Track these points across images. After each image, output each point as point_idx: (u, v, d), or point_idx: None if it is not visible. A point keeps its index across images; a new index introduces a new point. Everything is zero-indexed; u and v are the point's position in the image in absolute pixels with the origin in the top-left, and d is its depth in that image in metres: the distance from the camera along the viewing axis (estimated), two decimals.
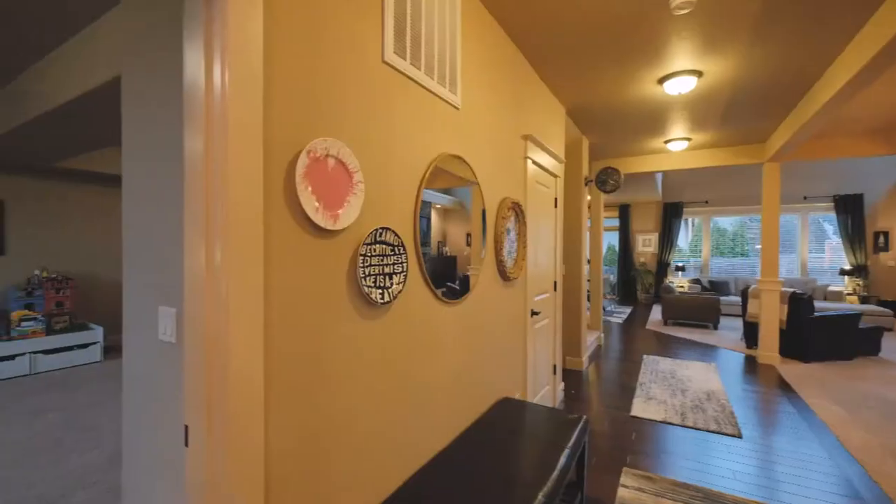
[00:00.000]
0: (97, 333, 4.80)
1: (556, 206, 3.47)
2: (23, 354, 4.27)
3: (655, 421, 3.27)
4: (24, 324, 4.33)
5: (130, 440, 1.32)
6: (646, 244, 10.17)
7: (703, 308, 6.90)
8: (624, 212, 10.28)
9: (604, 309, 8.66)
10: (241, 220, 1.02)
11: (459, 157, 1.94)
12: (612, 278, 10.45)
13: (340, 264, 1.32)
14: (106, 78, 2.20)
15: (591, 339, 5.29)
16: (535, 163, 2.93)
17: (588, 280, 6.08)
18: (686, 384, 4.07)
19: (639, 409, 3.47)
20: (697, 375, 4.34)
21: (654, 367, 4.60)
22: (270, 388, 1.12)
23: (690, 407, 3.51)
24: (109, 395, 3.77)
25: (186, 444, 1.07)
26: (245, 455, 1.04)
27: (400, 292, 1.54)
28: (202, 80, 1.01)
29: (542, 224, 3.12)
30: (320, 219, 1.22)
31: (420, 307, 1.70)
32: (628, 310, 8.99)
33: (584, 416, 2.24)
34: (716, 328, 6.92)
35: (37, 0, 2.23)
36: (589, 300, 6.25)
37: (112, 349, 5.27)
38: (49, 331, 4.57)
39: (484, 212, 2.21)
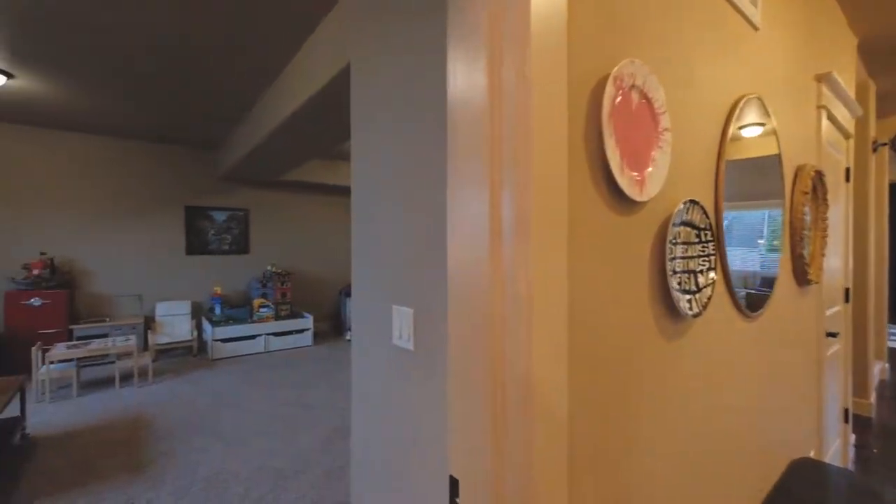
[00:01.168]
0: (309, 321, 5.53)
1: (847, 180, 2.41)
2: (260, 335, 5.16)
3: None
4: (261, 310, 5.24)
5: (359, 455, 1.14)
6: None
7: None
8: None
9: None
10: (545, 185, 0.66)
11: (760, 101, 1.30)
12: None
13: (641, 254, 0.88)
14: (332, 74, 2.27)
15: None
16: (829, 115, 2.02)
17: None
18: None
19: None
20: None
21: None
22: (573, 439, 0.75)
23: None
24: (321, 377, 4.20)
25: (452, 501, 0.77)
26: None
27: (709, 300, 1.02)
28: None
29: (830, 205, 2.15)
30: (626, 183, 0.80)
31: (721, 322, 1.15)
32: None
33: None
34: None
35: (263, 27, 2.47)
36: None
37: (318, 335, 6.04)
38: (277, 317, 5.44)
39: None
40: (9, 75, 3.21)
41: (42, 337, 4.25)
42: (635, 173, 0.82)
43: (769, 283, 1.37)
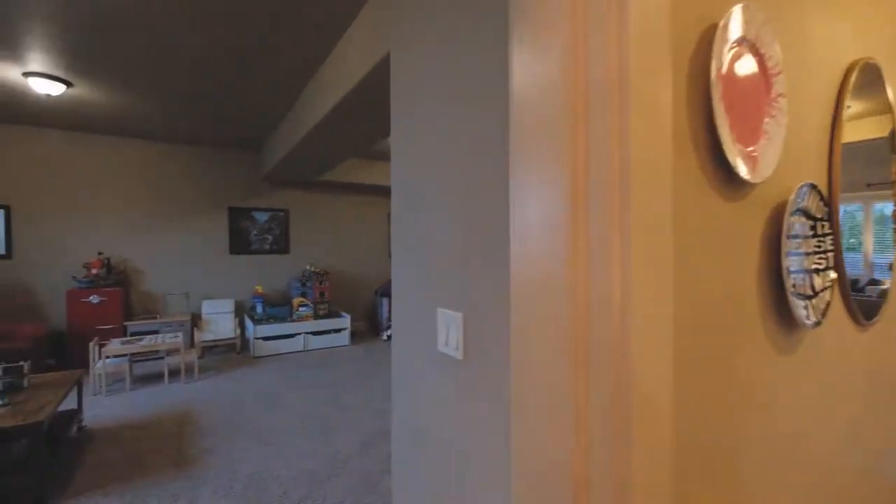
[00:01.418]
0: (346, 320, 5.54)
1: None
2: (299, 334, 5.22)
3: None
4: (300, 309, 5.30)
5: (400, 477, 1.02)
6: None
7: None
8: None
9: None
10: (645, 167, 0.52)
11: (877, 67, 1.08)
12: None
13: (749, 249, 0.71)
14: (370, 66, 2.20)
15: None
16: None
17: None
18: None
19: None
20: None
21: None
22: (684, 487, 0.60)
23: None
24: (358, 377, 4.17)
25: None
26: None
27: (827, 306, 0.83)
28: None
29: None
30: (736, 158, 0.64)
31: (833, 332, 0.95)
32: None
33: None
34: None
35: (300, 23, 2.44)
36: None
37: (355, 334, 6.06)
38: (315, 316, 5.49)
39: None
40: (68, 84, 3.38)
41: (99, 332, 4.47)
42: (749, 148, 0.65)
43: (876, 284, 1.14)
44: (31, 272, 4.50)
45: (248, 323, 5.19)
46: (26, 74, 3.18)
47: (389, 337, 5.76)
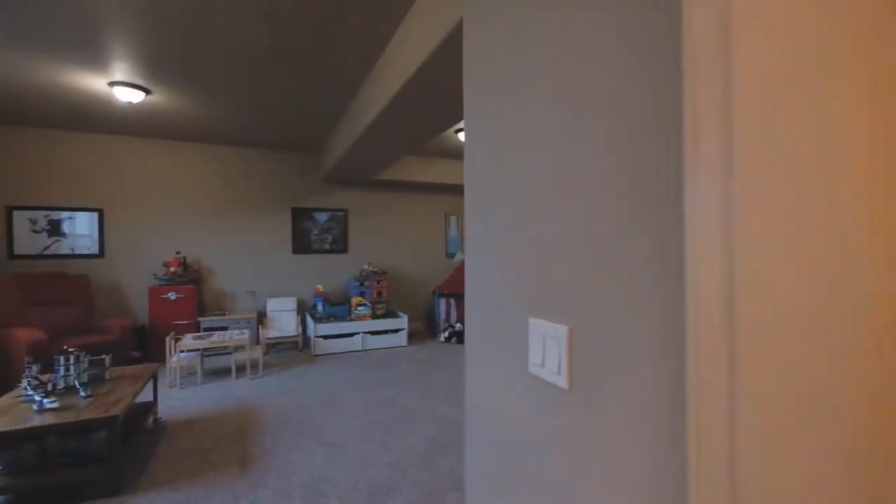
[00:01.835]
0: (403, 321, 5.47)
1: None
2: (358, 334, 5.21)
3: None
4: (359, 308, 5.30)
5: None
6: None
7: None
8: None
9: None
10: None
11: None
12: None
13: None
14: (439, 40, 2.03)
15: None
16: None
17: None
18: None
19: None
20: None
21: None
22: None
23: None
24: (416, 380, 4.04)
25: None
26: None
27: None
28: None
29: None
30: None
31: None
32: None
33: None
34: None
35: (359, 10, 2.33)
36: None
37: (412, 335, 5.97)
38: (373, 315, 5.47)
39: None
40: (147, 91, 3.57)
41: (176, 328, 4.74)
42: None
43: None
44: (119, 270, 4.88)
45: (310, 321, 5.28)
46: (111, 84, 3.39)
47: (447, 338, 5.61)
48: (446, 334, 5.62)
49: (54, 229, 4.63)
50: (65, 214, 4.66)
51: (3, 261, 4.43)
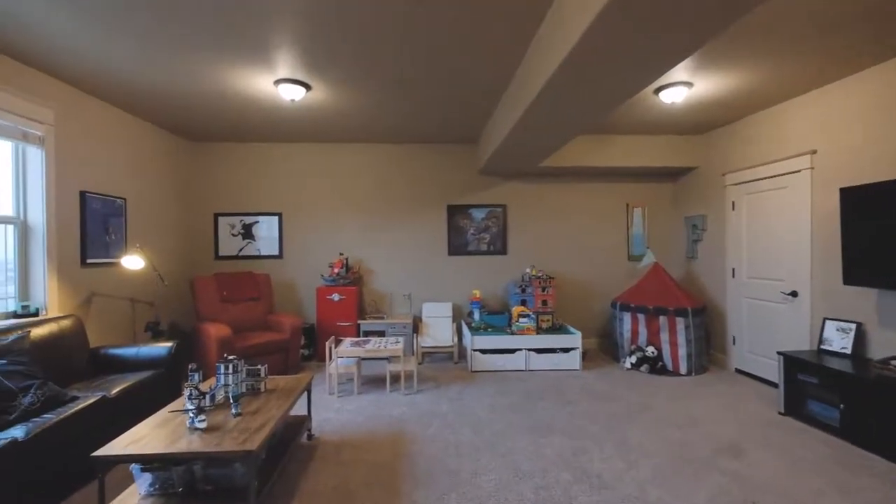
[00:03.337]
0: (576, 338, 4.42)
1: None
2: (520, 350, 4.39)
3: None
4: (521, 320, 4.48)
5: None
6: None
7: None
8: None
9: None
10: None
11: None
12: None
13: None
14: None
15: None
16: None
17: None
18: None
19: None
20: None
21: None
22: None
23: None
24: (603, 424, 2.97)
25: None
26: None
27: None
28: None
29: None
30: None
31: None
32: None
33: None
34: None
35: None
36: None
37: (584, 355, 4.86)
38: (537, 329, 4.58)
39: None
40: (307, 86, 3.42)
41: (339, 329, 4.71)
42: None
43: None
44: (294, 270, 5.12)
45: (465, 330, 4.70)
46: (277, 82, 3.32)
47: (635, 365, 4.34)
48: (633, 360, 4.35)
49: (247, 232, 5.09)
50: (254, 219, 5.09)
51: (210, 261, 5.05)
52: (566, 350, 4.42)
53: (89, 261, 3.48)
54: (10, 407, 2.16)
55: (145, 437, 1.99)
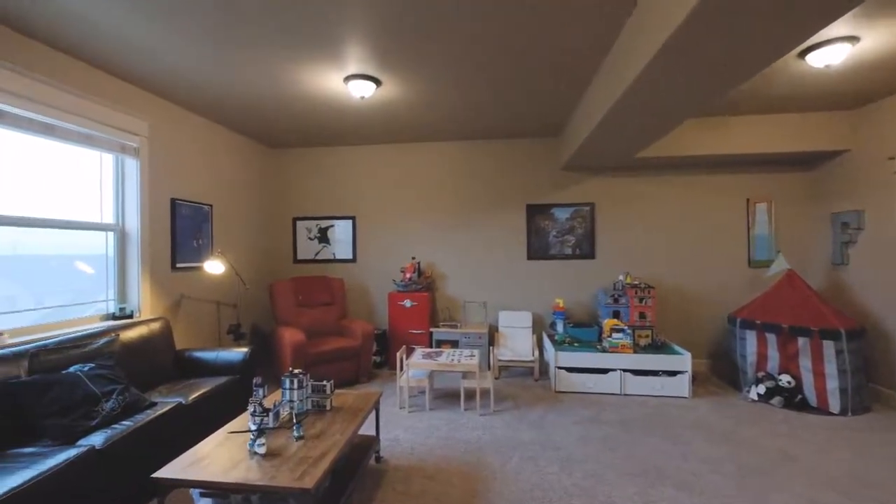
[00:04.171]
0: (685, 360, 3.71)
1: None
2: (614, 370, 3.80)
3: None
4: (615, 335, 3.88)
5: None
6: None
7: None
8: None
9: None
10: None
11: None
12: None
13: None
14: None
15: None
16: None
17: None
18: None
19: None
20: None
21: None
22: None
23: None
24: (728, 471, 2.33)
25: None
26: None
27: None
28: None
29: None
30: None
31: None
32: None
33: None
34: None
35: None
36: None
37: (694, 380, 4.09)
38: (634, 347, 3.94)
39: None
40: (377, 82, 3.22)
41: (411, 337, 4.49)
42: None
43: None
44: (367, 275, 5.03)
45: (547, 343, 4.21)
46: (346, 79, 3.16)
47: (763, 396, 3.52)
48: (761, 389, 3.53)
49: (322, 236, 5.10)
50: (330, 223, 5.09)
51: (289, 264, 5.14)
52: (672, 374, 3.73)
53: (179, 265, 3.63)
54: (93, 412, 2.19)
55: (206, 457, 1.86)
